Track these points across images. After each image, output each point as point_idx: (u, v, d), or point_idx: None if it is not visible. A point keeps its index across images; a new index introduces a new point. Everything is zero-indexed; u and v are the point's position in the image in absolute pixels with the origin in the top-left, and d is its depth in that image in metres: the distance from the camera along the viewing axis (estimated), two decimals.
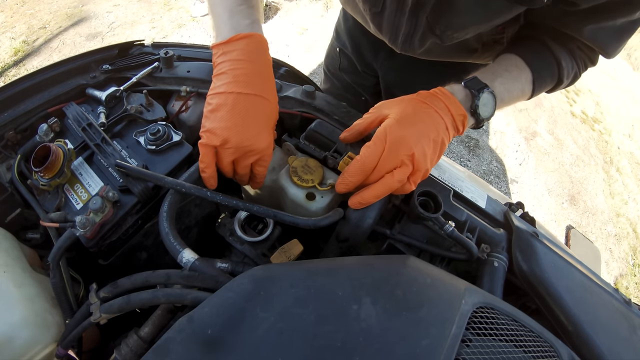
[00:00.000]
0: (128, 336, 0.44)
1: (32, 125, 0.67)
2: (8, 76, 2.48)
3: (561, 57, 0.63)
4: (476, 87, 0.55)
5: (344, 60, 1.09)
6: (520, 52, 0.63)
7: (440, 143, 0.50)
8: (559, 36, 0.63)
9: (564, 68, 0.63)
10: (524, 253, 0.56)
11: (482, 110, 0.54)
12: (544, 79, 0.64)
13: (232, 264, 0.51)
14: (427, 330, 0.33)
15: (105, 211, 0.52)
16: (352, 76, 1.10)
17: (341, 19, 1.04)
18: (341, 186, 0.49)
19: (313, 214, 0.52)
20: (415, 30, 0.69)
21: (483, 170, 2.60)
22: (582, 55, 0.65)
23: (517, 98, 0.63)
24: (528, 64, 0.61)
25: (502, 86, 0.58)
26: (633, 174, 3.13)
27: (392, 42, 0.76)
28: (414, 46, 0.74)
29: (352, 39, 1.01)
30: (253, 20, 0.53)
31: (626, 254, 2.50)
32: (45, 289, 0.54)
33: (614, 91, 4.09)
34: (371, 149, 0.47)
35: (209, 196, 0.49)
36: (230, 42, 0.50)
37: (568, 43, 0.63)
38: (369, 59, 1.00)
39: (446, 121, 0.51)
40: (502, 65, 0.62)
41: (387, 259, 0.44)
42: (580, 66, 0.66)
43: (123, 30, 3.01)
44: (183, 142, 0.63)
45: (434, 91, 0.53)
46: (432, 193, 0.54)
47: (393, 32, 0.73)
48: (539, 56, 0.63)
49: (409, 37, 0.71)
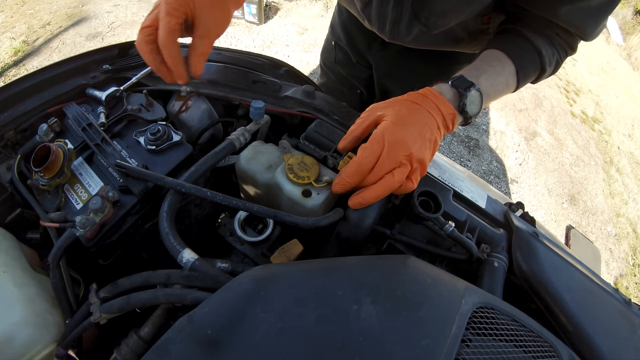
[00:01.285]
0: (128, 336, 0.44)
1: (32, 125, 0.67)
2: (8, 76, 2.48)
3: (541, 46, 0.64)
4: (463, 85, 0.56)
5: (339, 53, 1.12)
6: (500, 46, 0.65)
7: (434, 141, 0.52)
8: (536, 24, 0.64)
9: (545, 56, 0.65)
10: (524, 253, 0.56)
11: (470, 108, 0.56)
12: (527, 69, 0.65)
13: (232, 264, 0.51)
14: (427, 330, 0.33)
15: (105, 211, 0.52)
16: (347, 69, 1.12)
17: (336, 14, 1.07)
18: (338, 186, 0.50)
19: (310, 211, 0.52)
20: (402, 18, 0.72)
21: (483, 170, 2.60)
22: (560, 41, 0.66)
23: (502, 92, 0.65)
24: (510, 56, 0.63)
25: (487, 82, 0.60)
26: (633, 174, 3.13)
27: (380, 31, 0.80)
28: (401, 34, 0.77)
29: (346, 32, 1.04)
30: None
31: (626, 254, 2.50)
32: (45, 289, 0.54)
33: (614, 91, 4.09)
34: (368, 150, 0.48)
35: (209, 196, 0.49)
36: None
37: (546, 30, 0.64)
38: (362, 50, 1.03)
39: (437, 120, 0.52)
40: (485, 61, 0.63)
41: (387, 259, 0.44)
42: (561, 53, 0.68)
43: (123, 30, 3.01)
44: (183, 142, 0.63)
45: (423, 91, 0.55)
46: (432, 193, 0.54)
47: (381, 21, 0.76)
48: (520, 48, 0.64)
49: (396, 25, 0.75)
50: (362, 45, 1.01)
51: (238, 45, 3.02)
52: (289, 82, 0.80)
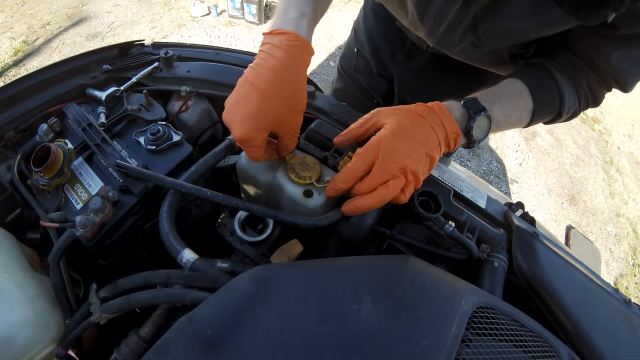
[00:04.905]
0: (128, 336, 0.44)
1: (32, 125, 0.67)
2: (8, 76, 2.48)
3: (565, 92, 0.62)
4: (474, 108, 0.55)
5: (360, 61, 1.08)
6: (526, 79, 0.62)
7: (432, 158, 0.50)
8: (571, 67, 0.62)
9: (566, 103, 0.63)
10: (524, 253, 0.56)
11: (476, 132, 0.55)
12: (544, 110, 0.63)
13: (232, 264, 0.51)
14: (427, 330, 0.33)
15: (105, 211, 0.52)
16: (366, 78, 1.09)
17: (361, 19, 1.03)
18: (331, 191, 0.50)
19: (311, 211, 0.52)
20: (461, 24, 0.66)
21: (483, 170, 2.60)
22: (587, 92, 0.64)
23: (512, 125, 0.63)
24: (531, 93, 0.61)
25: (500, 111, 0.58)
26: (633, 174, 3.13)
27: (430, 31, 0.72)
28: (452, 41, 0.70)
29: (370, 40, 1.00)
30: (301, 14, 0.53)
31: (626, 254, 2.50)
32: (45, 289, 0.54)
33: (614, 91, 4.08)
34: (361, 158, 0.48)
35: (209, 196, 0.49)
36: (269, 34, 0.51)
37: (578, 76, 0.62)
38: (385, 61, 0.99)
39: (440, 137, 0.51)
40: (505, 90, 0.61)
41: (387, 259, 0.44)
42: (582, 104, 0.66)
43: (123, 30, 3.01)
44: (183, 142, 0.63)
45: (431, 105, 0.53)
46: (432, 193, 0.54)
47: (436, 21, 0.68)
48: (544, 87, 0.62)
49: (452, 30, 0.68)
50: (386, 56, 0.98)
51: (238, 45, 3.02)
52: None
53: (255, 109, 0.47)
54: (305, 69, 0.52)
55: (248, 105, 0.47)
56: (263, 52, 0.50)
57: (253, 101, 0.47)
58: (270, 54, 0.49)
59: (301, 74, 0.51)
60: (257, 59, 0.50)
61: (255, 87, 0.47)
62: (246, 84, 0.48)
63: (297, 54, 0.50)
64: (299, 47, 0.50)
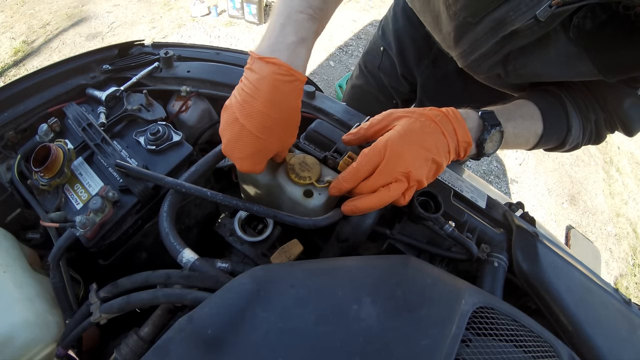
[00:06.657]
0: (128, 336, 0.44)
1: (32, 125, 0.67)
2: (8, 76, 2.48)
3: (573, 124, 0.63)
4: (491, 121, 0.54)
5: (385, 61, 1.06)
6: (540, 104, 0.63)
7: (439, 165, 0.49)
8: (585, 103, 0.63)
9: (571, 135, 0.64)
10: (524, 253, 0.56)
11: (488, 146, 0.54)
12: (551, 138, 0.64)
13: (232, 264, 0.51)
14: (427, 330, 0.33)
15: (105, 211, 0.52)
16: (389, 78, 1.08)
17: (390, 18, 1.00)
18: (334, 190, 0.50)
19: (311, 211, 0.52)
20: (493, 56, 0.65)
21: (483, 170, 2.60)
22: (592, 130, 0.65)
23: (519, 145, 0.63)
24: (543, 118, 0.62)
25: (513, 130, 0.58)
26: (633, 174, 3.13)
27: (463, 55, 0.71)
28: (481, 69, 0.70)
29: (398, 41, 0.98)
30: (301, 39, 0.47)
31: (626, 254, 2.50)
32: (45, 289, 0.54)
33: None
34: (367, 158, 0.47)
35: (209, 196, 0.49)
36: (261, 60, 0.45)
37: (589, 113, 0.64)
38: (410, 64, 0.98)
39: (450, 144, 0.49)
40: (519, 110, 0.62)
41: (387, 259, 0.44)
42: (585, 139, 0.67)
43: (123, 30, 3.01)
44: (183, 142, 0.63)
45: (446, 110, 0.51)
46: (432, 193, 0.54)
47: (471, 48, 0.67)
48: (555, 116, 0.63)
49: (483, 59, 0.67)
50: (412, 59, 0.96)
51: (238, 45, 3.02)
52: None
53: (252, 150, 0.46)
54: (298, 98, 0.47)
55: (244, 147, 0.46)
56: (250, 84, 0.45)
57: (248, 142, 0.45)
58: (259, 89, 0.44)
59: (292, 107, 0.47)
60: (244, 89, 0.45)
61: (248, 130, 0.45)
62: (237, 123, 0.45)
63: (287, 90, 0.45)
64: (290, 83, 0.45)
